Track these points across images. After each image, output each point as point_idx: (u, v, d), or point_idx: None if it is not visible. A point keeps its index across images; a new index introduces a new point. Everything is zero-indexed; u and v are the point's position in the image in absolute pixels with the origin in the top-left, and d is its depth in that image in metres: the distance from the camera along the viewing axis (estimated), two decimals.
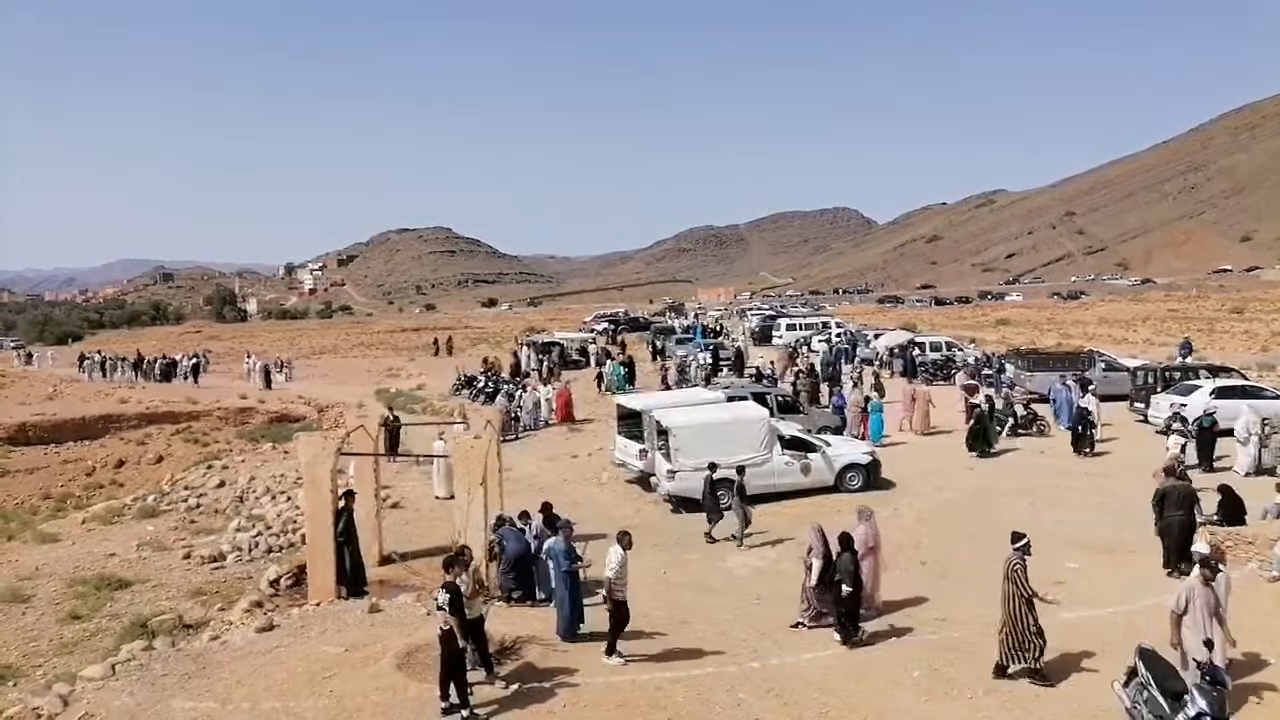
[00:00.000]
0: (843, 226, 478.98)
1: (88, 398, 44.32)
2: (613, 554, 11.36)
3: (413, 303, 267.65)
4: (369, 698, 10.28)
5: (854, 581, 11.59)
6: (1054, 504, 18.02)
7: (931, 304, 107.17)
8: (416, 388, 40.08)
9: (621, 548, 11.44)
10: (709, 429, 18.99)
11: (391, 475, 22.15)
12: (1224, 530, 14.74)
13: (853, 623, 11.69)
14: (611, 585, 11.24)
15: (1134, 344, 47.52)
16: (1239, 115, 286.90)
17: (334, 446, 14.69)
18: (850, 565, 11.64)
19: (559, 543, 12.23)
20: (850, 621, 11.66)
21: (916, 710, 9.89)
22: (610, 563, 11.30)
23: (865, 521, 12.73)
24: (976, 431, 22.89)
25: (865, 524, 12.68)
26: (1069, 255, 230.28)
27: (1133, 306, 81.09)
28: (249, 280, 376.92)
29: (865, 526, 12.63)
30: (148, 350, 60.32)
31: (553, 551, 12.25)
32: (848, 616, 11.64)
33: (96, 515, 22.18)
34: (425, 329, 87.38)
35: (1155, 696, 8.59)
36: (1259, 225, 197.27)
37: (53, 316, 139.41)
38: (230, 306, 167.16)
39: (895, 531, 16.34)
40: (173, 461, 32.76)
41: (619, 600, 11.27)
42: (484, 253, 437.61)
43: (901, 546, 15.69)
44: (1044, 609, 10.47)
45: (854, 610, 11.73)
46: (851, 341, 44.63)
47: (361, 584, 14.69)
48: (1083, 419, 22.57)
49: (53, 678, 12.12)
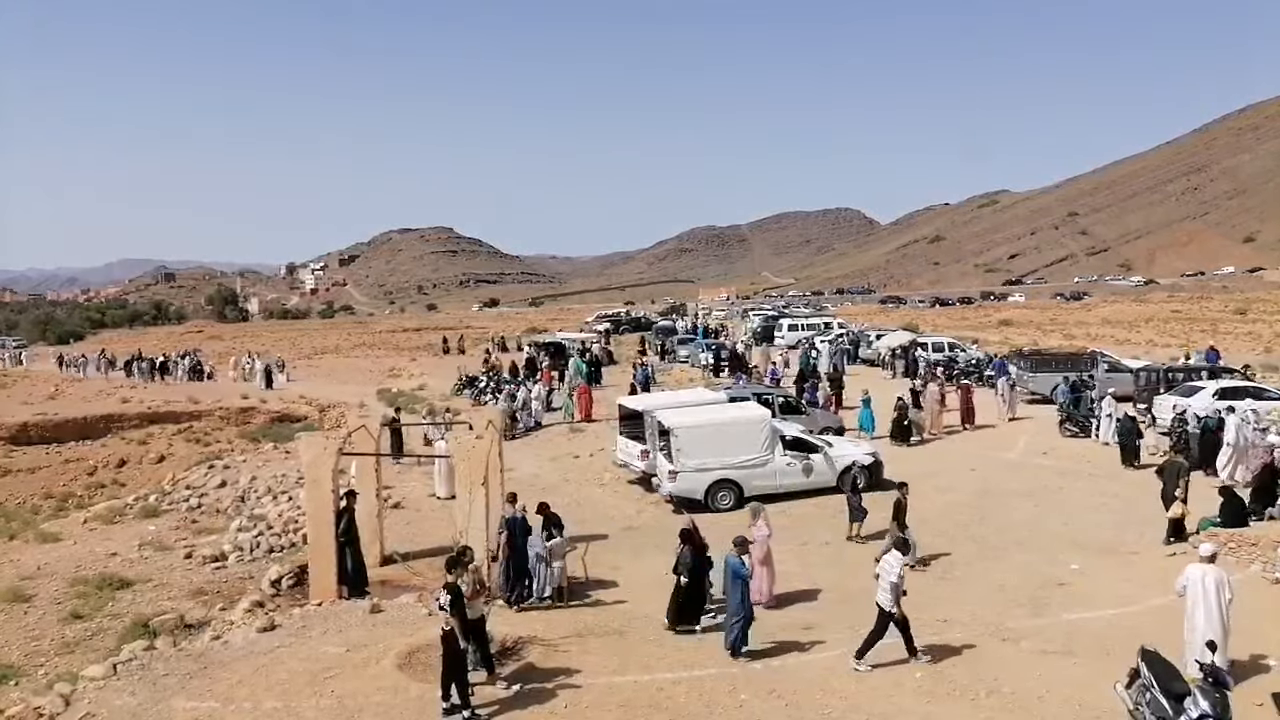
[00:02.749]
0: (845, 227, 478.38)
1: (89, 397, 44.36)
2: (894, 559, 10.97)
3: (414, 303, 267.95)
4: (370, 698, 10.27)
5: (690, 573, 12.14)
6: (1056, 505, 17.99)
7: (934, 304, 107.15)
8: (418, 388, 40.10)
9: (900, 552, 11.14)
10: (711, 429, 18.98)
11: (393, 475, 22.15)
12: (1226, 532, 14.70)
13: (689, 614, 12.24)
14: (895, 590, 10.82)
15: (1137, 345, 47.48)
16: (1242, 116, 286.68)
17: (335, 446, 14.69)
18: (688, 558, 12.18)
19: (735, 559, 11.47)
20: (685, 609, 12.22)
21: (919, 711, 9.86)
22: (892, 569, 10.87)
23: (759, 519, 13.19)
24: (899, 422, 24.47)
25: (759, 521, 13.14)
26: (1072, 256, 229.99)
27: (1135, 307, 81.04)
28: (250, 280, 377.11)
29: (761, 523, 13.10)
30: (149, 350, 60.57)
31: (729, 564, 11.48)
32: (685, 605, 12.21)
33: (98, 515, 22.19)
34: (427, 329, 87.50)
35: (1158, 698, 8.57)
36: (1262, 226, 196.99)
37: (55, 316, 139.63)
38: (232, 306, 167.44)
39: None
40: (174, 461, 32.78)
41: (896, 616, 10.86)
42: (486, 253, 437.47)
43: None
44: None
45: (690, 601, 12.25)
46: (854, 342, 44.62)
47: (363, 584, 14.67)
48: (1131, 430, 21.41)
49: (54, 677, 12.12)
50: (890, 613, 10.82)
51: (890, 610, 10.81)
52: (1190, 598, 9.95)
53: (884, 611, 10.85)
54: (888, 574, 10.89)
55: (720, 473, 18.60)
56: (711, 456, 18.59)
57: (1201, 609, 9.82)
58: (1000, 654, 11.17)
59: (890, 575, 10.85)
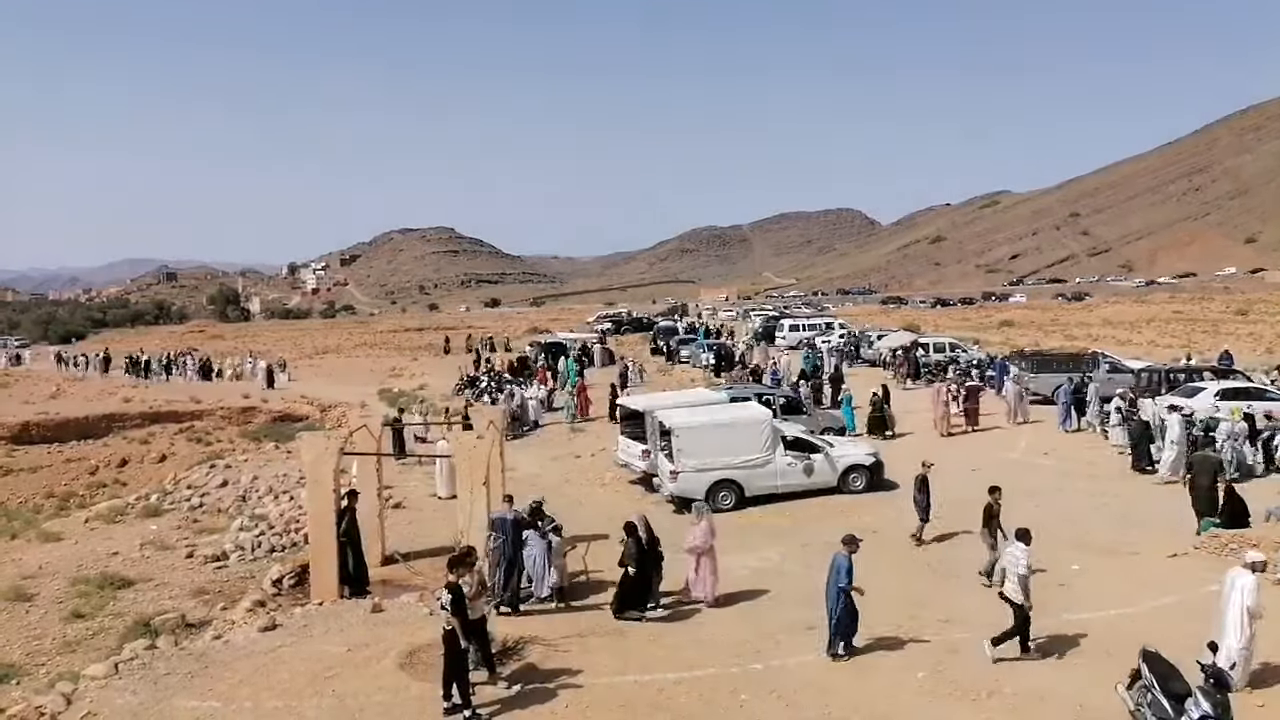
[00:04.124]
0: (846, 227, 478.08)
1: (91, 397, 44.40)
2: (1019, 551, 10.88)
3: (415, 302, 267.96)
4: (371, 697, 10.28)
5: (637, 564, 12.56)
6: (1058, 505, 17.96)
7: (935, 305, 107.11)
8: (419, 387, 40.12)
9: (1024, 544, 10.98)
10: (712, 430, 18.97)
11: (394, 475, 22.16)
12: (1228, 533, 14.70)
13: (632, 603, 12.62)
14: (1024, 582, 10.74)
15: (1138, 345, 47.44)
16: (1244, 117, 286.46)
17: (337, 446, 14.71)
18: (634, 550, 12.58)
19: (843, 558, 11.31)
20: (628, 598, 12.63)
21: (920, 711, 9.86)
22: (1018, 561, 10.79)
23: (702, 518, 13.31)
24: (875, 418, 25.43)
25: (702, 520, 13.25)
26: (1073, 256, 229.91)
27: (1137, 308, 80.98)
28: (252, 280, 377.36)
29: (703, 522, 13.21)
30: (150, 349, 60.71)
31: (836, 563, 11.31)
32: (628, 595, 12.64)
33: (100, 514, 22.21)
34: (428, 329, 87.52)
35: (1159, 699, 8.57)
36: (1264, 227, 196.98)
37: (57, 316, 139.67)
38: (233, 306, 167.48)
39: (901, 533, 16.32)
40: (176, 461, 32.78)
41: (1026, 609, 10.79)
42: (487, 253, 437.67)
43: (908, 548, 15.68)
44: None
45: (634, 592, 12.67)
46: (855, 342, 44.61)
47: (364, 584, 14.70)
48: (1143, 433, 20.67)
49: (56, 676, 12.14)
50: (1020, 605, 10.78)
51: (1021, 604, 10.78)
52: (1221, 599, 9.99)
53: (1016, 605, 10.82)
54: (1014, 566, 10.86)
55: (721, 473, 18.58)
56: (713, 456, 18.58)
57: (1225, 612, 9.80)
58: (1001, 654, 11.16)
59: (1017, 568, 10.82)
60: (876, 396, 26.17)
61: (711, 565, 13.26)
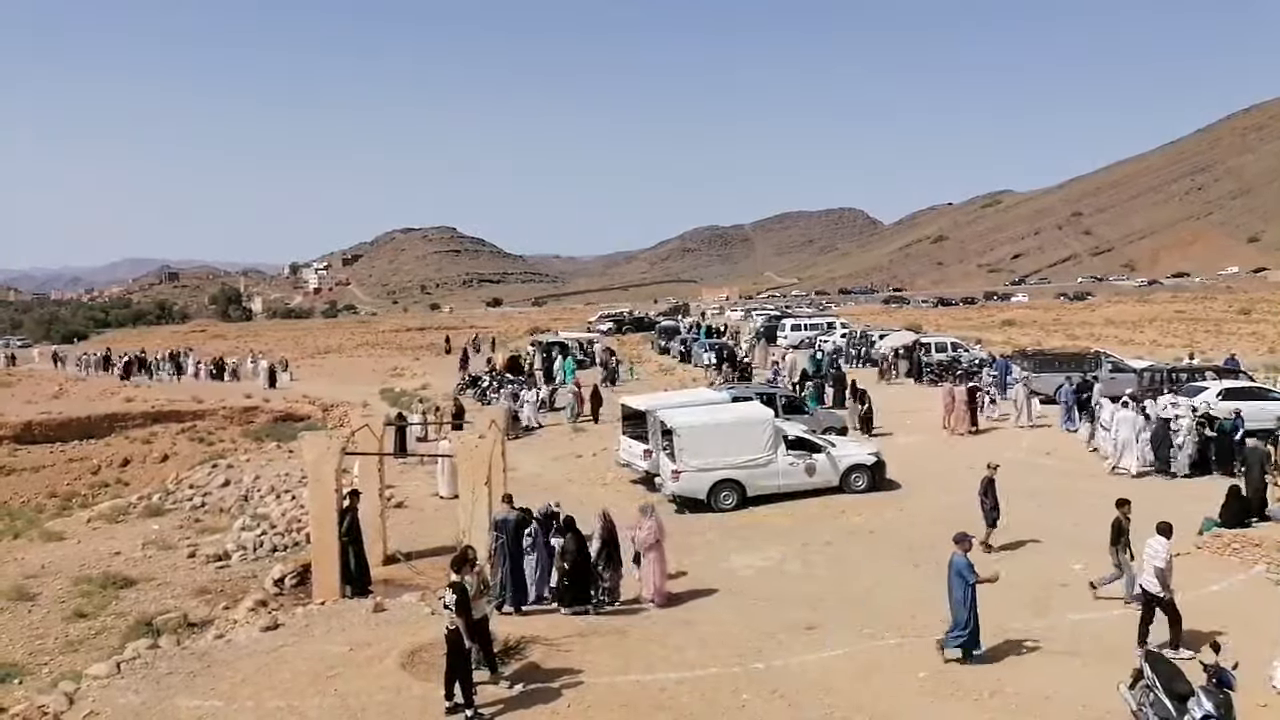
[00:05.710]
0: (848, 227, 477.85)
1: (93, 397, 44.44)
2: (1159, 544, 10.77)
3: (417, 302, 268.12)
4: (373, 697, 10.28)
5: (573, 560, 12.78)
6: (1060, 505, 17.95)
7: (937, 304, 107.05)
8: (421, 387, 40.12)
9: (1165, 537, 10.87)
10: (714, 429, 18.97)
11: (396, 475, 22.17)
12: (1230, 533, 14.68)
13: (574, 595, 12.86)
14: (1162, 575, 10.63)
15: (1140, 345, 47.40)
16: (1247, 116, 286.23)
17: (339, 446, 14.72)
18: (572, 546, 12.80)
19: (959, 557, 11.09)
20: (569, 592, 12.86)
21: (922, 711, 9.86)
22: (1157, 553, 10.71)
23: (649, 517, 13.32)
24: (866, 416, 26.02)
25: (649, 519, 13.27)
26: (1075, 256, 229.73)
27: (1139, 308, 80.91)
28: (254, 280, 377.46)
29: (650, 522, 13.23)
30: (151, 349, 60.79)
31: (954, 563, 11.11)
32: (568, 589, 12.87)
33: (102, 514, 22.24)
34: (430, 329, 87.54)
35: (1161, 699, 8.56)
36: (1266, 226, 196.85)
37: (59, 315, 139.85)
38: (235, 306, 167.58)
39: (903, 533, 16.31)
40: (178, 460, 32.80)
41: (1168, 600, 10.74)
42: (489, 252, 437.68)
43: (910, 548, 15.66)
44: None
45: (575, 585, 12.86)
46: (865, 343, 44.50)
47: (366, 583, 14.71)
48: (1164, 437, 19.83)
49: (58, 676, 12.16)
50: (1161, 598, 10.75)
51: (1161, 595, 10.74)
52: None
53: (1156, 598, 10.77)
54: (1153, 559, 10.83)
55: (723, 472, 18.59)
56: (714, 456, 18.58)
57: None
58: (1004, 654, 11.16)
59: (1156, 560, 10.78)
60: (863, 391, 27.04)
61: (659, 565, 13.29)
